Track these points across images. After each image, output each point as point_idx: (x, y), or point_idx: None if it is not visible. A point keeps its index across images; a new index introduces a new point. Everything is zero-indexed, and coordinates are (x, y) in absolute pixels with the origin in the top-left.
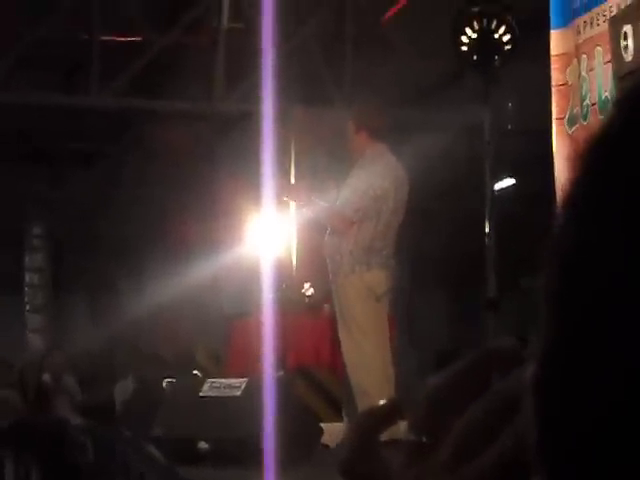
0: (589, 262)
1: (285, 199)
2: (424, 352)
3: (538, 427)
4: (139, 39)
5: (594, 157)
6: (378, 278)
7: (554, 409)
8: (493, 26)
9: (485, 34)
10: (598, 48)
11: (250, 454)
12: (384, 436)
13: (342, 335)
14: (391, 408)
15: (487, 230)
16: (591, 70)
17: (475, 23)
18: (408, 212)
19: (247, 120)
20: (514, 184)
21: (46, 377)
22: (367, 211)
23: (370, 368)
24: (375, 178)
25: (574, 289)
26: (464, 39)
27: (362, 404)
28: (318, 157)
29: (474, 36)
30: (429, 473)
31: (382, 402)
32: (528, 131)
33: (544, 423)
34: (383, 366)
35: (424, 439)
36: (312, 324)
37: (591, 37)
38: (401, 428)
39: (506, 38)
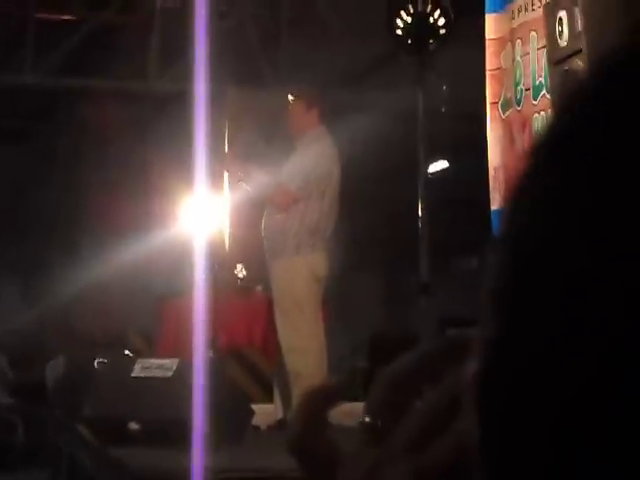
0: (539, 259)
1: (226, 172)
2: (357, 335)
3: (480, 425)
4: (74, 17)
5: (544, 152)
6: (321, 261)
7: (497, 408)
8: (428, 10)
9: (420, 18)
10: (533, 33)
11: (181, 435)
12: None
13: (279, 317)
14: (340, 387)
15: (420, 213)
16: (525, 55)
17: (410, 6)
18: (341, 195)
19: (181, 100)
20: (447, 167)
21: None
22: (312, 190)
23: (306, 351)
24: (321, 157)
25: (522, 286)
26: (399, 22)
27: (296, 387)
28: (253, 138)
29: (409, 20)
30: (384, 457)
31: (330, 380)
32: (462, 115)
33: (486, 421)
34: (319, 349)
35: (379, 423)
36: (244, 305)
37: (526, 22)
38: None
39: (441, 22)
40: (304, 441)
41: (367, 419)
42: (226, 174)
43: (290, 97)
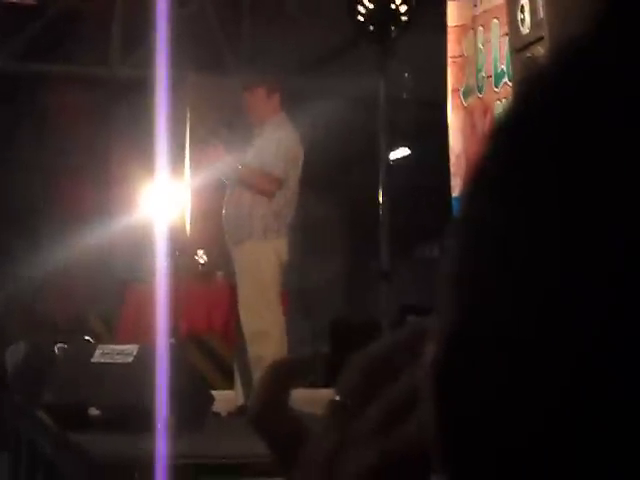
0: (498, 242)
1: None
2: (318, 321)
3: (437, 415)
4: (36, 3)
5: (504, 135)
6: (285, 246)
7: (453, 397)
8: None
9: (382, 4)
10: (495, 21)
11: (141, 421)
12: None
13: (243, 301)
14: (303, 362)
15: (381, 200)
16: (487, 42)
17: None
18: (302, 181)
19: (143, 86)
20: (409, 154)
21: None
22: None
23: (269, 335)
24: (289, 142)
25: (481, 271)
26: (361, 9)
27: (258, 372)
28: (214, 124)
29: (371, 6)
30: (350, 439)
31: (294, 355)
32: (423, 102)
33: (442, 411)
34: (280, 334)
35: (348, 402)
36: (205, 291)
37: (488, 9)
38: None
39: (403, 9)
40: (266, 416)
41: (337, 398)
42: (187, 160)
43: (246, 86)
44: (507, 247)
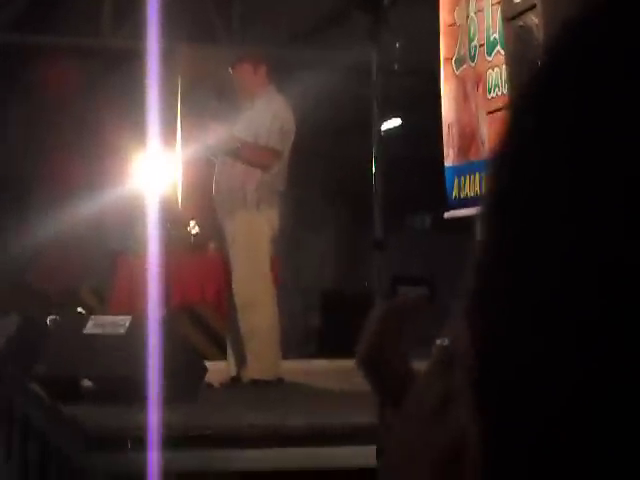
0: (532, 215)
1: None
2: (309, 293)
3: (474, 358)
4: None
5: (525, 107)
6: (276, 218)
7: (492, 340)
8: None
9: None
10: None
11: (134, 392)
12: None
13: (236, 271)
14: (414, 304)
15: (374, 170)
16: (479, 11)
17: None
18: (294, 152)
19: (134, 57)
20: (400, 124)
21: None
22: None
23: (261, 306)
24: (282, 114)
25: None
26: None
27: (250, 343)
28: (205, 96)
29: None
30: (455, 391)
31: (412, 294)
32: (415, 71)
33: (482, 353)
34: (272, 305)
35: (453, 348)
36: (197, 262)
37: None
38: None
39: None
40: (377, 357)
41: (444, 342)
42: (179, 131)
43: (232, 64)
44: (538, 220)
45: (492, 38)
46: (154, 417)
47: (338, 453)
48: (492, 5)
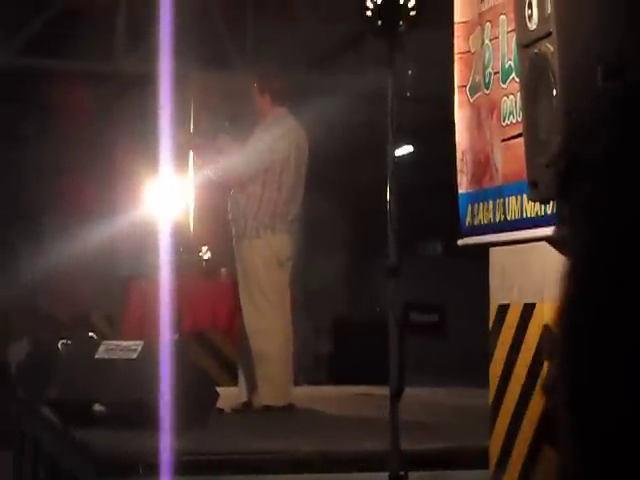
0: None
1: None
2: (321, 318)
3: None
4: None
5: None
6: (283, 243)
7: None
8: None
9: None
10: (502, 16)
11: (146, 417)
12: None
13: (244, 299)
14: None
15: (388, 197)
16: (494, 38)
17: None
18: (309, 177)
19: (147, 81)
20: (412, 151)
21: None
22: (267, 173)
23: (270, 332)
24: (276, 141)
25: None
26: (369, 4)
27: (261, 369)
28: (218, 120)
29: (379, 1)
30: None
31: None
32: (427, 98)
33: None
34: (283, 331)
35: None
36: (209, 288)
37: (495, 5)
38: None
39: (411, 4)
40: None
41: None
42: (191, 155)
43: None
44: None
45: (507, 66)
46: (165, 442)
47: (349, 479)
48: (507, 32)
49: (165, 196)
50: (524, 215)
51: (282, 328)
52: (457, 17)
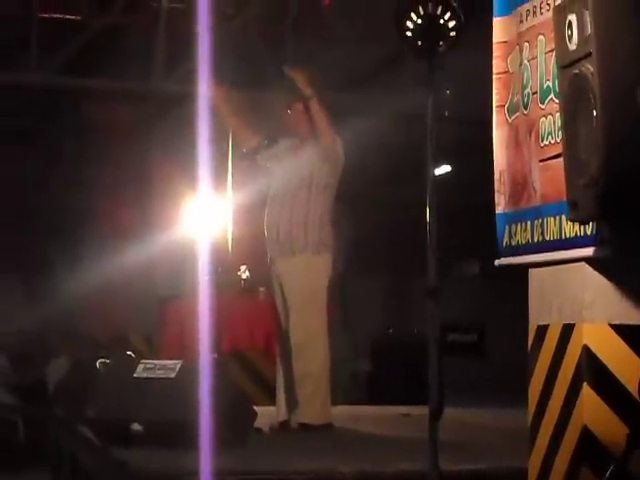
0: None
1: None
2: (360, 337)
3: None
4: (79, 17)
5: None
6: (327, 260)
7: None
8: (438, 11)
9: (430, 19)
10: (541, 37)
11: (184, 436)
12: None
13: (294, 315)
14: None
15: (428, 218)
16: (533, 59)
17: (420, 8)
18: (349, 197)
19: (186, 101)
20: (450, 171)
21: None
22: (303, 191)
23: (315, 349)
24: (313, 160)
25: None
26: (409, 24)
27: (304, 386)
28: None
29: (419, 21)
30: None
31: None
32: (465, 118)
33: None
34: (325, 348)
35: None
36: (247, 307)
37: (534, 26)
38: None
39: (451, 24)
40: None
41: None
42: (230, 176)
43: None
44: None
45: (545, 86)
46: (203, 462)
47: None
48: (545, 53)
49: (203, 215)
50: (563, 236)
51: (324, 346)
52: (496, 37)
